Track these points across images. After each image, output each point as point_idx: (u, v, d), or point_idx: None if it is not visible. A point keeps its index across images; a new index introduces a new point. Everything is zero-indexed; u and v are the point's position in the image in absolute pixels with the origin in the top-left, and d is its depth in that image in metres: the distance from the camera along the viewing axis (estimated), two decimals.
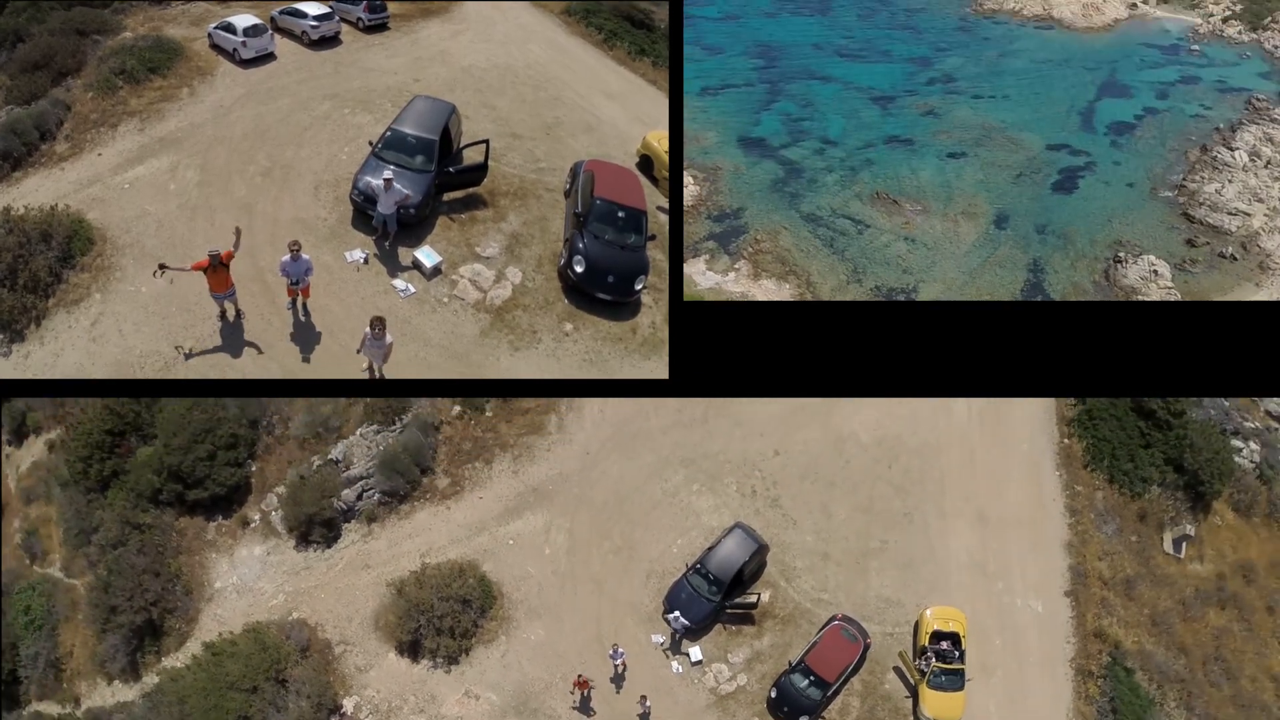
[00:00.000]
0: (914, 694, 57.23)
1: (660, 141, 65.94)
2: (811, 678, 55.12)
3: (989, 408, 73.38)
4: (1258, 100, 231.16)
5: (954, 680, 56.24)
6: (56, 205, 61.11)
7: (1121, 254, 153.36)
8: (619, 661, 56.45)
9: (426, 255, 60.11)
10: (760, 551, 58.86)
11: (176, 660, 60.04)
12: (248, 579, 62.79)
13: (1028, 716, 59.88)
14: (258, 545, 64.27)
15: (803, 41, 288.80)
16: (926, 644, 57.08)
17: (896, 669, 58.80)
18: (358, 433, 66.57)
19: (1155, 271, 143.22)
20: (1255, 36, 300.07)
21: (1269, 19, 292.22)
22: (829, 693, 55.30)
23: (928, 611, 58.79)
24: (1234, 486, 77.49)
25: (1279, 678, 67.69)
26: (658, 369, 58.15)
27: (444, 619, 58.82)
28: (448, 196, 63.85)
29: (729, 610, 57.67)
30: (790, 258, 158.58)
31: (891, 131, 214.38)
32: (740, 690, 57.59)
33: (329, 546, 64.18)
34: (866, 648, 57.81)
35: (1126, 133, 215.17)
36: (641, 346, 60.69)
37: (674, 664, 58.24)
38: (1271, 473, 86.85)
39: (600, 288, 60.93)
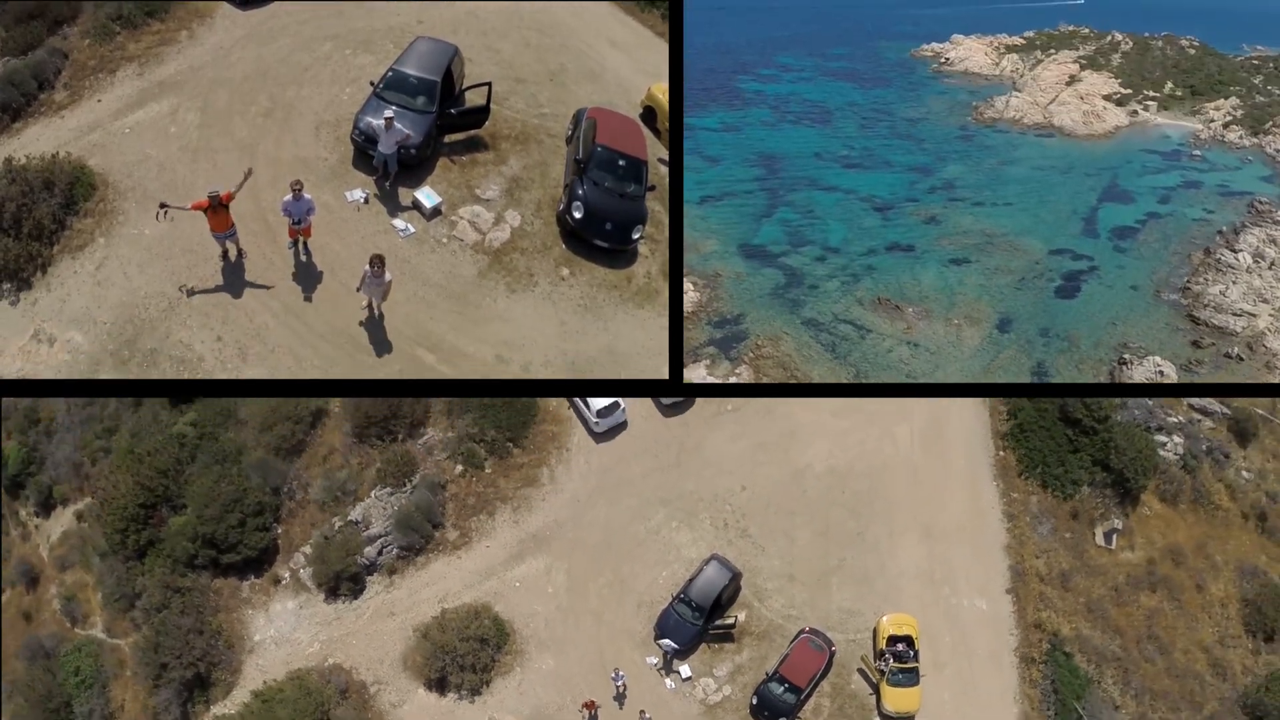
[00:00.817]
0: (876, 692, 65.64)
1: (664, 93, 70.41)
2: (786, 685, 63.25)
3: (929, 429, 79.89)
4: (1260, 203, 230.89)
5: (910, 677, 64.27)
6: (58, 153, 60.95)
7: (1127, 356, 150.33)
8: (620, 683, 65.26)
9: (426, 196, 61.01)
10: (735, 578, 66.30)
11: (226, 708, 64.82)
12: (284, 631, 68.02)
13: (978, 704, 67.21)
14: (290, 600, 69.38)
15: (803, 151, 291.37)
16: (884, 647, 65.01)
17: (860, 671, 66.78)
18: (372, 495, 71.36)
19: (1161, 372, 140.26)
20: (1256, 141, 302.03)
21: (1269, 124, 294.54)
22: (802, 696, 63.47)
23: (884, 619, 66.72)
24: (1160, 479, 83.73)
25: (1210, 648, 75.02)
26: (650, 319, 63.52)
27: (465, 656, 65.77)
28: (448, 138, 64.53)
29: (711, 631, 65.54)
30: (792, 363, 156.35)
31: (893, 238, 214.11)
32: (726, 700, 65.50)
33: (356, 598, 69.83)
34: (832, 655, 65.88)
35: (1129, 237, 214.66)
36: (636, 295, 65.42)
37: (667, 681, 66.07)
38: (1195, 462, 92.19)
39: (598, 234, 63.34)
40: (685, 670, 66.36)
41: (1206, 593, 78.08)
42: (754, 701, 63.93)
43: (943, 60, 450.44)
